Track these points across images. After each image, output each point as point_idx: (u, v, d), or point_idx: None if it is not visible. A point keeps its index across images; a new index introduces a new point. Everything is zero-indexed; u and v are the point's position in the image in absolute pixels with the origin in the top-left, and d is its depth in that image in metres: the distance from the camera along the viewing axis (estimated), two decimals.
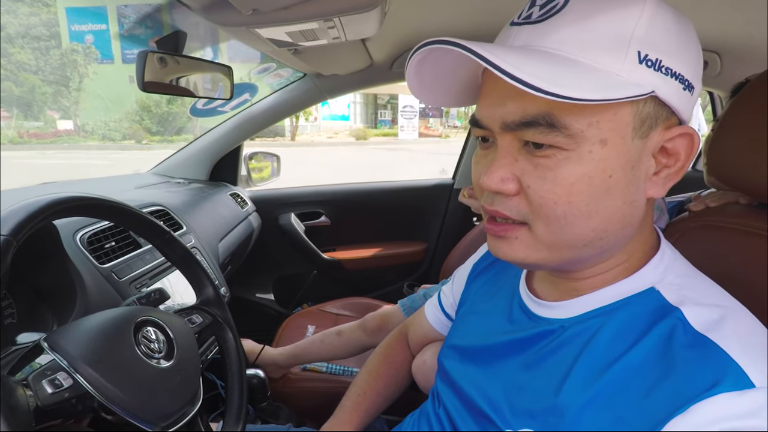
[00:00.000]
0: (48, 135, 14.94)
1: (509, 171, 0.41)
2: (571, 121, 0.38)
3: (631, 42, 0.38)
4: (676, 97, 0.40)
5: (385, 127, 21.25)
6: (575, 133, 0.38)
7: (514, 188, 0.41)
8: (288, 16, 0.72)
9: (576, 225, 0.41)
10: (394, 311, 1.24)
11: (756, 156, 0.57)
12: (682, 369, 0.38)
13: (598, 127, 0.38)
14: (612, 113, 0.38)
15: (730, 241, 0.63)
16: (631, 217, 0.42)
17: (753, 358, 0.36)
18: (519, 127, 0.40)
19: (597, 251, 0.43)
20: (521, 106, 0.39)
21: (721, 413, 0.34)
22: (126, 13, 2.35)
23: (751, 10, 1.00)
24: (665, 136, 0.41)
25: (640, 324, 0.43)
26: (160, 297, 0.72)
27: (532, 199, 0.41)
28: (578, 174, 0.39)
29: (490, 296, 0.62)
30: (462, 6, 1.04)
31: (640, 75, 0.38)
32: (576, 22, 0.39)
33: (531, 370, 0.48)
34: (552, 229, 0.41)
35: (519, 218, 0.43)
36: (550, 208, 0.40)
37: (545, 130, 0.38)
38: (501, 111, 0.41)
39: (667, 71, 0.39)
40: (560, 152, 0.39)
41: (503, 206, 0.43)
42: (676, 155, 0.42)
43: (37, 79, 15.57)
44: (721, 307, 0.41)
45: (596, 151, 0.39)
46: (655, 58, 0.38)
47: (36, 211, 0.48)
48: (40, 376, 0.44)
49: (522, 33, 0.42)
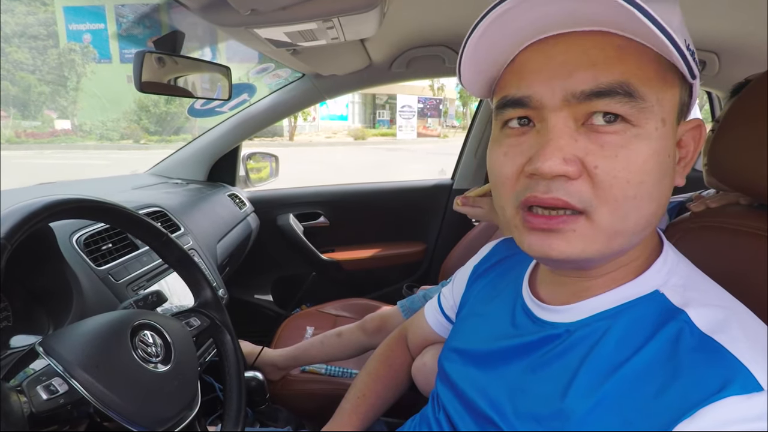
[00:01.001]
0: (45, 135, 14.91)
1: (570, 151, 0.38)
2: (647, 92, 0.37)
3: (677, 31, 0.37)
4: (696, 90, 0.41)
5: (384, 127, 21.27)
6: (648, 107, 0.37)
7: (577, 170, 0.38)
8: (286, 17, 0.71)
9: (641, 208, 0.39)
10: (394, 312, 1.23)
11: (756, 156, 0.57)
12: (689, 372, 0.37)
13: (662, 104, 0.38)
14: (671, 92, 0.39)
15: (731, 242, 0.62)
16: (666, 204, 0.42)
17: (760, 361, 0.36)
18: (590, 98, 0.37)
19: (641, 239, 0.43)
20: (593, 74, 0.37)
21: (730, 416, 0.34)
22: (124, 12, 2.36)
23: (749, 10, 1.01)
24: (686, 126, 0.42)
25: (646, 327, 0.42)
26: (157, 299, 0.72)
27: (601, 179, 0.37)
28: (650, 151, 0.37)
29: (491, 299, 0.62)
30: (461, 8, 1.03)
31: (690, 60, 0.38)
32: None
33: (536, 374, 0.47)
34: (618, 214, 0.38)
35: (581, 205, 0.38)
36: (622, 189, 0.37)
37: (622, 99, 0.36)
38: (564, 83, 0.38)
39: (695, 63, 0.40)
40: (630, 128, 0.37)
41: (564, 192, 0.38)
42: (686, 147, 0.43)
43: (34, 79, 15.53)
44: (725, 309, 0.41)
45: (660, 129, 0.38)
46: (692, 49, 0.39)
47: (31, 214, 0.48)
48: (35, 382, 0.44)
49: None
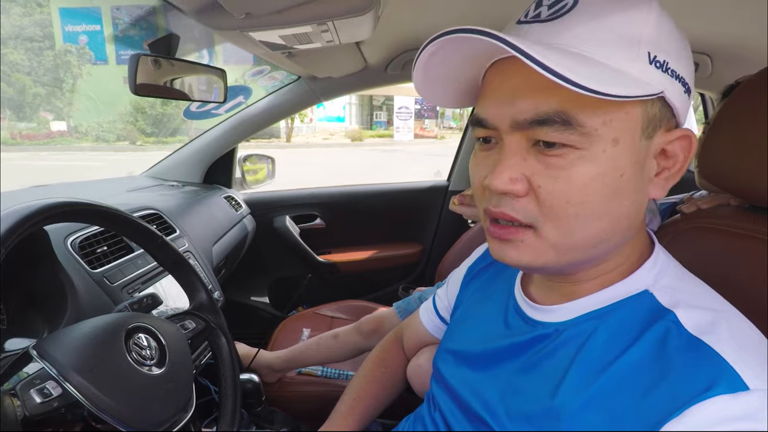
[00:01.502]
0: (41, 136, 14.84)
1: (518, 171, 0.40)
2: (585, 119, 0.38)
3: (641, 42, 0.38)
4: (679, 100, 0.41)
5: (381, 128, 21.27)
6: (589, 132, 0.38)
7: (523, 189, 0.40)
8: (281, 20, 0.72)
9: (587, 226, 0.40)
10: (390, 314, 1.24)
11: (746, 158, 0.58)
12: (677, 372, 0.38)
13: (611, 125, 0.38)
14: (624, 112, 0.38)
15: (721, 243, 0.63)
16: (636, 218, 0.43)
17: (747, 361, 0.36)
18: (531, 126, 0.39)
19: (602, 253, 0.43)
20: (534, 103, 0.39)
21: (717, 416, 0.34)
22: (120, 14, 2.34)
23: (741, 12, 1.01)
24: (667, 138, 0.41)
25: (634, 327, 0.43)
26: (152, 302, 0.72)
27: (544, 199, 0.40)
28: (592, 173, 0.39)
29: (485, 299, 0.62)
30: (455, 10, 1.04)
31: (650, 75, 0.38)
32: (588, 20, 0.39)
33: (527, 374, 0.48)
34: (562, 230, 0.41)
35: (526, 221, 0.42)
36: (562, 209, 0.40)
37: (560, 128, 0.38)
38: (511, 110, 0.40)
39: (673, 73, 0.39)
40: (573, 151, 0.39)
41: (510, 208, 0.41)
42: (674, 157, 0.42)
43: (30, 80, 15.47)
44: (714, 310, 0.42)
45: (609, 150, 0.39)
46: (663, 60, 0.39)
47: (24, 218, 0.48)
48: (29, 386, 0.44)
49: (532, 31, 0.41)
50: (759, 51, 1.21)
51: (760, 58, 1.24)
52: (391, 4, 0.91)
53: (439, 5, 1.02)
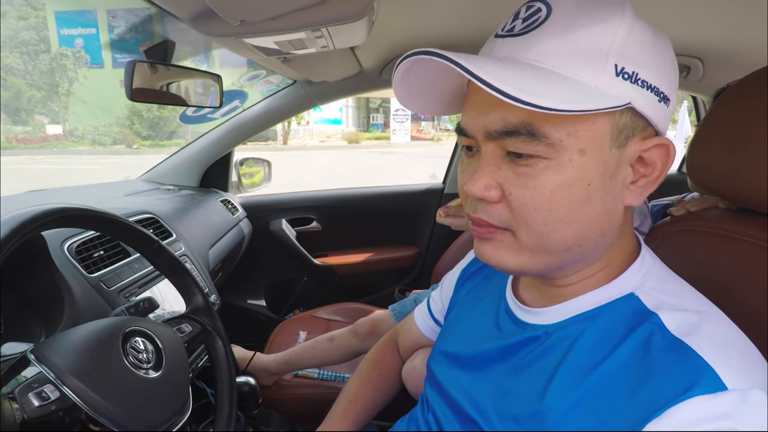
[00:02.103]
0: (37, 140, 14.79)
1: (492, 178, 0.43)
2: (550, 130, 0.39)
3: (609, 55, 0.39)
4: (652, 109, 0.41)
5: (378, 130, 21.30)
6: (555, 143, 0.39)
7: (496, 195, 0.43)
8: (275, 27, 0.73)
9: (556, 231, 0.42)
10: (385, 316, 1.24)
11: (733, 161, 0.58)
12: (659, 373, 0.39)
13: (576, 136, 0.40)
14: (590, 123, 0.40)
15: (709, 245, 0.64)
16: (609, 224, 0.44)
17: (726, 362, 0.37)
18: (501, 136, 0.41)
19: (577, 257, 0.45)
20: (503, 115, 0.40)
21: (696, 416, 0.35)
22: (116, 18, 2.35)
23: (731, 16, 1.03)
24: (642, 146, 0.42)
25: (619, 329, 0.44)
26: (149, 306, 0.72)
27: (514, 206, 0.42)
28: (558, 182, 0.40)
29: (477, 301, 0.63)
30: (448, 16, 1.05)
31: (617, 87, 0.39)
32: (557, 35, 0.40)
33: (517, 376, 0.49)
34: (534, 235, 0.42)
35: (501, 225, 0.44)
36: (531, 215, 0.41)
37: (526, 139, 0.40)
38: (484, 120, 0.42)
39: (643, 84, 0.40)
40: (541, 161, 0.40)
41: (486, 213, 0.44)
42: (653, 165, 0.43)
43: (25, 84, 15.42)
44: (698, 312, 0.42)
45: (575, 159, 0.40)
46: (632, 71, 0.40)
47: (21, 225, 0.48)
48: (27, 389, 0.45)
49: (505, 45, 0.43)
50: (749, 54, 1.23)
51: (750, 61, 1.26)
52: (384, 10, 0.92)
53: (431, 11, 1.03)
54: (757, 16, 0.98)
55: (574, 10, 0.41)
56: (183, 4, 0.71)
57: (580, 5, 0.41)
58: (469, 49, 0.46)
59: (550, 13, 0.41)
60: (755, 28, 1.04)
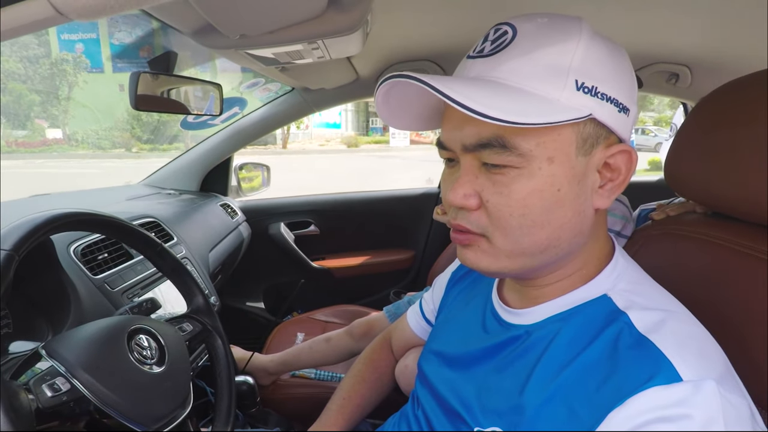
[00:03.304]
0: (37, 144, 14.79)
1: (471, 188, 0.46)
2: (520, 141, 0.43)
3: (569, 72, 0.43)
4: (612, 119, 0.45)
5: (377, 134, 21.32)
6: (525, 153, 0.43)
7: (475, 203, 0.46)
8: (274, 40, 0.76)
9: (530, 234, 0.45)
10: (380, 318, 1.27)
11: (709, 167, 0.61)
12: (624, 367, 0.42)
13: (544, 146, 0.43)
14: (556, 134, 0.43)
15: (686, 248, 0.66)
16: (581, 226, 0.47)
17: (684, 356, 0.40)
18: (476, 149, 0.44)
19: (553, 258, 0.48)
20: (477, 130, 0.44)
21: (652, 404, 0.38)
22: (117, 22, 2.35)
23: (719, 26, 1.05)
24: (606, 153, 0.46)
25: (592, 328, 0.47)
26: (151, 306, 0.75)
27: (491, 212, 0.45)
28: (529, 188, 0.44)
29: (466, 303, 0.66)
30: (439, 28, 1.08)
31: (578, 100, 0.43)
32: (521, 55, 0.44)
33: (501, 373, 0.52)
34: (509, 239, 0.46)
35: (478, 231, 0.47)
36: (506, 220, 0.45)
37: (498, 150, 0.43)
38: (460, 134, 0.46)
39: (603, 96, 0.44)
40: (513, 170, 0.44)
41: (465, 220, 0.47)
42: (618, 170, 0.47)
43: (25, 88, 15.43)
44: (665, 311, 0.45)
45: (545, 167, 0.43)
46: (591, 85, 0.43)
47: (37, 227, 0.52)
48: (40, 381, 0.48)
49: (475, 65, 0.47)
50: (736, 62, 1.26)
51: (737, 69, 1.28)
52: (378, 22, 0.96)
53: (423, 23, 1.06)
54: (743, 26, 1.01)
55: (536, 32, 0.45)
56: (185, 19, 0.74)
57: (542, 28, 0.45)
58: (459, 58, 0.50)
59: (516, 36, 0.45)
60: (741, 36, 1.07)
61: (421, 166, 11.36)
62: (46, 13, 0.28)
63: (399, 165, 12.35)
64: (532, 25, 0.45)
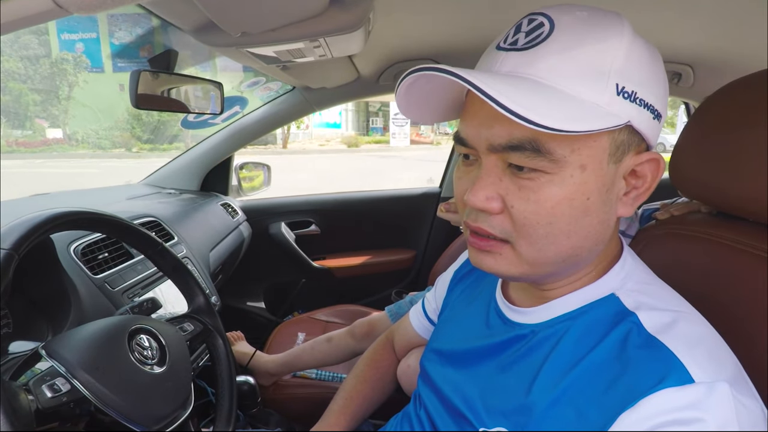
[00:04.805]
0: (37, 143, 14.80)
1: (494, 190, 0.43)
2: (555, 147, 0.40)
3: (611, 74, 0.41)
4: (647, 126, 0.43)
5: (377, 134, 21.33)
6: (558, 159, 0.41)
7: (498, 207, 0.44)
8: (275, 38, 0.75)
9: (556, 244, 0.43)
10: (382, 317, 1.26)
11: (713, 167, 0.60)
12: (634, 368, 0.41)
13: (579, 153, 0.41)
14: (592, 141, 0.41)
15: (691, 248, 0.65)
16: (603, 234, 0.46)
17: (695, 357, 0.40)
18: (505, 150, 0.42)
19: (572, 265, 0.47)
20: (508, 130, 0.41)
21: (665, 406, 0.38)
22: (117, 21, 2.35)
23: (721, 25, 1.05)
24: (636, 160, 0.44)
25: (600, 327, 0.46)
26: (152, 306, 0.75)
27: (516, 219, 0.43)
28: (560, 196, 0.42)
29: (469, 302, 0.65)
30: (442, 26, 1.08)
31: (617, 106, 0.41)
32: (561, 52, 0.41)
33: (505, 372, 0.51)
34: (535, 247, 0.44)
35: (502, 236, 0.45)
36: (533, 228, 0.43)
37: (531, 154, 0.41)
38: (488, 133, 0.43)
39: (641, 102, 0.42)
40: (543, 175, 0.41)
41: (487, 224, 0.45)
42: (644, 177, 0.45)
43: (25, 88, 15.42)
44: (675, 312, 0.45)
45: (577, 175, 0.41)
46: (632, 90, 0.41)
47: (36, 226, 0.51)
48: (40, 381, 0.47)
49: (509, 59, 0.43)
50: (739, 61, 1.25)
51: (740, 68, 1.28)
52: (380, 20, 0.95)
53: (425, 22, 1.06)
54: (746, 25, 1.00)
55: (575, 27, 0.42)
56: (186, 17, 0.74)
57: (581, 22, 0.42)
58: (461, 57, 0.49)
59: (553, 29, 0.42)
60: (745, 35, 1.07)
61: (421, 166, 11.36)
62: (45, 6, 0.28)
63: (399, 165, 12.34)
64: (570, 18, 0.42)
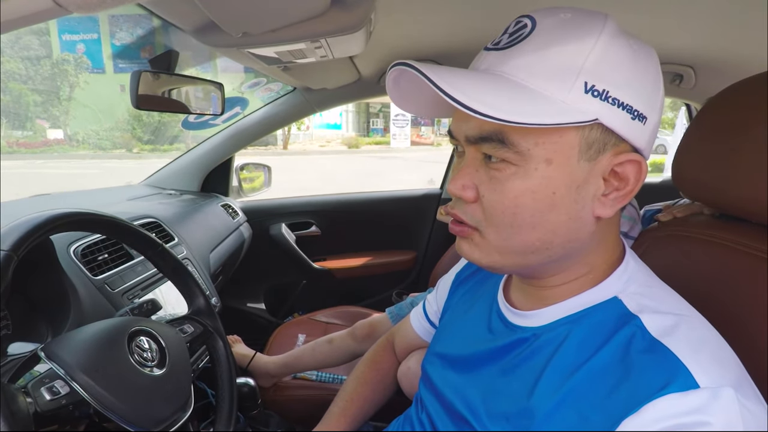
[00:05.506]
0: (38, 144, 14.81)
1: (470, 179, 0.46)
2: (519, 139, 0.42)
3: (580, 73, 0.41)
4: (624, 126, 0.43)
5: (378, 135, 21.32)
6: (522, 151, 0.42)
7: (472, 195, 0.46)
8: (276, 38, 0.75)
9: (521, 234, 0.45)
10: (382, 319, 1.26)
11: (715, 169, 0.60)
12: (637, 372, 0.41)
13: (543, 147, 0.42)
14: (557, 136, 0.42)
15: (693, 250, 0.65)
16: (576, 232, 0.46)
17: (700, 362, 0.39)
18: (478, 141, 0.44)
19: (546, 260, 0.47)
20: (480, 123, 0.43)
21: (669, 411, 0.37)
22: (117, 22, 2.35)
23: (722, 26, 1.05)
24: (614, 161, 0.44)
25: (603, 331, 0.46)
26: (152, 307, 0.74)
27: (485, 207, 0.45)
28: (523, 188, 0.43)
29: (471, 304, 0.65)
30: (442, 27, 1.08)
31: (584, 103, 0.41)
32: (533, 51, 0.43)
33: (507, 376, 0.51)
34: (500, 236, 0.46)
35: (472, 223, 0.47)
36: (499, 217, 0.45)
37: (497, 145, 0.43)
38: (465, 126, 0.46)
39: (614, 101, 0.42)
40: (510, 167, 0.43)
41: (461, 211, 0.48)
42: (626, 179, 0.45)
43: (26, 89, 15.44)
44: (678, 315, 0.44)
45: (542, 168, 0.43)
46: (602, 89, 0.41)
47: (36, 227, 0.51)
48: (39, 384, 0.47)
49: (488, 58, 0.46)
50: (740, 62, 1.25)
51: (741, 70, 1.28)
52: (381, 21, 0.95)
53: (426, 23, 1.06)
54: (747, 26, 1.00)
55: (555, 28, 0.43)
56: (187, 17, 0.74)
57: (562, 24, 0.43)
58: (461, 57, 0.50)
59: (533, 30, 0.44)
60: (745, 36, 1.06)
61: (421, 167, 11.36)
62: (45, 5, 0.28)
63: (400, 166, 12.35)
64: (553, 20, 0.44)
